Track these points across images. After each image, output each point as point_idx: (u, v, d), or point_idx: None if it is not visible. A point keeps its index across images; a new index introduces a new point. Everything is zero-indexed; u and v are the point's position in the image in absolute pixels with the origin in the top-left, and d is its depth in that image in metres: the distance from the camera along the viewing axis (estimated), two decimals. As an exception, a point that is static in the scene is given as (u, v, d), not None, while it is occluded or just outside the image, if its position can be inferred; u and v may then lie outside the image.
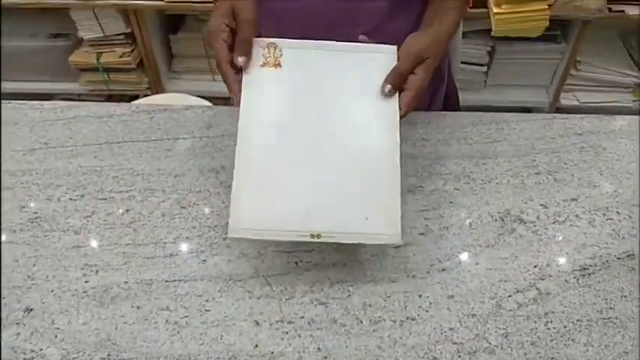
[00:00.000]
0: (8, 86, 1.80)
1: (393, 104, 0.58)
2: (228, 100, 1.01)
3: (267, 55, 0.60)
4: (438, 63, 0.61)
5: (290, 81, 0.59)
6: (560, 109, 1.68)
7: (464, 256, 0.61)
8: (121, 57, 1.65)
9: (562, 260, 0.61)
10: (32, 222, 0.66)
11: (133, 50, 1.67)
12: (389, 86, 0.57)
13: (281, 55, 0.60)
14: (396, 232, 0.54)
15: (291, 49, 0.60)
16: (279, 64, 0.59)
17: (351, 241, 0.55)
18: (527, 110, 1.81)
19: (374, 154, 0.57)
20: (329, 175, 0.56)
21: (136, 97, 1.75)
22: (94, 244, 0.63)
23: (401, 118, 0.57)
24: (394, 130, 0.57)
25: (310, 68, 0.60)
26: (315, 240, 0.54)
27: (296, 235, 0.54)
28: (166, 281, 0.59)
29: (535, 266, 0.60)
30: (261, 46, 0.60)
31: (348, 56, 0.60)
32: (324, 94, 0.59)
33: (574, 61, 1.56)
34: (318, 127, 0.58)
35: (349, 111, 0.58)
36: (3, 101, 0.86)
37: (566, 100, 1.66)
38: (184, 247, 0.62)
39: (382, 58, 0.59)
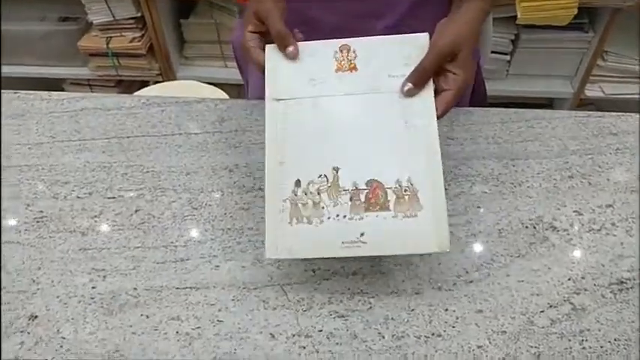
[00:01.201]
0: (17, 70, 1.77)
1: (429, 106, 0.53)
2: (241, 88, 0.98)
3: (341, 59, 0.56)
4: (473, 49, 0.56)
5: (364, 83, 0.55)
6: (584, 101, 1.62)
7: (493, 267, 0.57)
8: (130, 42, 1.61)
9: (598, 273, 0.57)
10: (38, 221, 0.63)
11: (143, 35, 1.63)
12: (409, 85, 0.53)
13: (355, 57, 0.55)
14: (445, 239, 0.50)
15: (364, 48, 0.56)
16: (354, 67, 0.55)
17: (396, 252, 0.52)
18: (550, 101, 1.76)
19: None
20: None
21: (147, 84, 1.72)
22: (101, 246, 0.60)
23: (438, 118, 0.53)
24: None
25: (379, 67, 0.55)
26: (359, 245, 0.50)
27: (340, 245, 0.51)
28: (177, 288, 0.56)
29: (569, 279, 0.56)
30: (333, 49, 0.56)
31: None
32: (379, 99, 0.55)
33: (601, 51, 1.50)
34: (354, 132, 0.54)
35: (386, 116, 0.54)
36: (8, 91, 0.83)
37: (591, 91, 1.59)
38: (196, 251, 0.59)
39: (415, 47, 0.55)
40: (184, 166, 0.69)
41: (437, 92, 0.54)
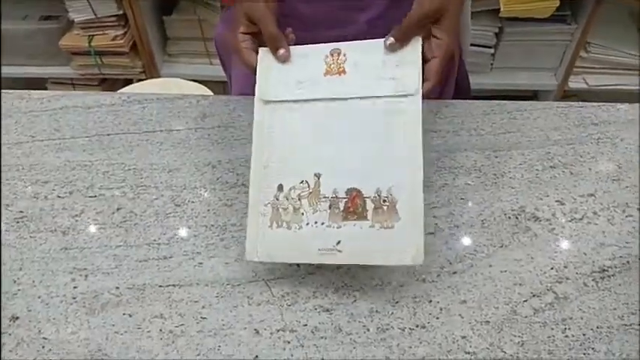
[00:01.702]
0: (-2, 71, 1.74)
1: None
2: (225, 85, 0.97)
3: (331, 62, 0.55)
4: (458, 14, 0.55)
5: (351, 87, 0.55)
6: (568, 92, 1.63)
7: (476, 258, 0.57)
8: (113, 40, 1.60)
9: (580, 262, 0.57)
10: (18, 222, 0.62)
11: (125, 33, 1.61)
12: (391, 39, 0.53)
13: (345, 60, 0.55)
14: (419, 252, 0.50)
15: (355, 52, 0.55)
16: (343, 71, 0.55)
17: (371, 262, 0.52)
18: (534, 94, 1.77)
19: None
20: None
21: (130, 82, 1.70)
22: (83, 245, 0.59)
23: (429, 90, 0.53)
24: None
25: (369, 70, 0.55)
26: (335, 253, 0.50)
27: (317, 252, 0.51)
28: (160, 286, 0.55)
29: (552, 268, 0.57)
30: (324, 53, 0.56)
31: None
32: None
33: (584, 43, 1.51)
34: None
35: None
36: (-13, 90, 0.81)
37: (574, 83, 1.60)
38: (179, 248, 0.59)
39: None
40: (166, 164, 0.68)
41: (424, 61, 0.53)
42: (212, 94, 1.13)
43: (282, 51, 0.55)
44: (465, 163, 0.68)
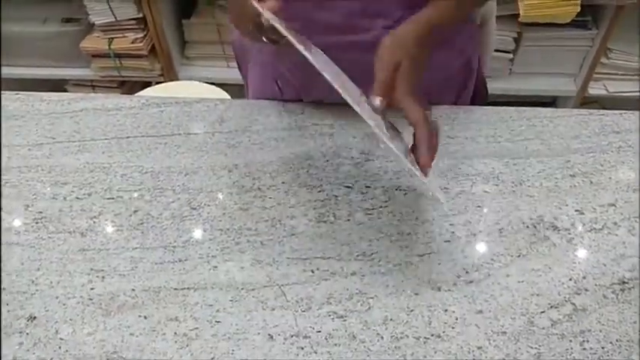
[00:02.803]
0: (20, 72, 1.78)
1: None
2: (242, 88, 0.98)
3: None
4: (416, 61, 0.52)
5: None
6: (587, 99, 1.61)
7: (493, 267, 0.57)
8: (132, 43, 1.62)
9: (599, 273, 0.56)
10: (37, 222, 0.63)
11: (145, 36, 1.63)
12: (378, 98, 0.50)
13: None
14: None
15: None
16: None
17: None
18: (553, 99, 1.74)
19: None
20: None
21: (149, 84, 1.72)
22: (100, 247, 0.60)
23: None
24: None
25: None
26: None
27: None
28: (175, 289, 0.56)
29: (570, 279, 0.56)
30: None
31: None
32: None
33: (605, 49, 1.48)
34: None
35: None
36: (9, 92, 0.83)
37: (594, 89, 1.58)
38: (194, 251, 0.59)
39: None
40: (183, 167, 0.69)
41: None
42: (229, 97, 1.14)
43: (271, 2, 0.52)
44: (482, 170, 0.67)
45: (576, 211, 0.62)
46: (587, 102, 1.63)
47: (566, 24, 1.33)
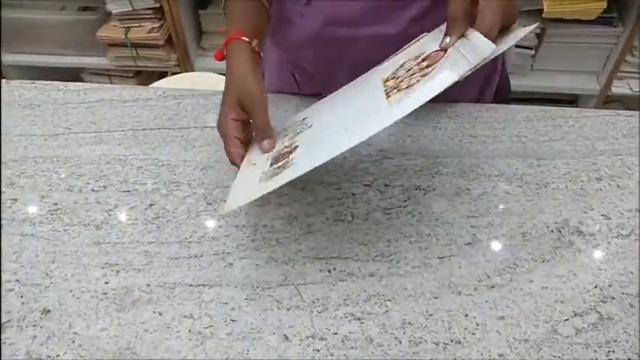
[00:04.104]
0: (36, 60, 1.78)
1: None
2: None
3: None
4: None
5: None
6: (610, 97, 1.57)
7: (516, 272, 0.55)
8: (149, 32, 1.61)
9: (626, 280, 0.54)
10: (52, 214, 0.62)
11: (161, 26, 1.62)
12: (446, 40, 0.51)
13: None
14: None
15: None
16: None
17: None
18: (574, 97, 1.71)
19: None
20: None
21: (165, 74, 1.72)
22: (115, 240, 0.59)
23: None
24: None
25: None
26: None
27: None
28: (190, 285, 0.55)
29: (595, 286, 0.54)
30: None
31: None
32: None
33: (630, 47, 1.44)
34: None
35: None
36: (26, 81, 0.82)
37: (617, 87, 1.54)
38: (210, 247, 0.58)
39: None
40: (200, 161, 0.68)
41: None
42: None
43: (266, 142, 0.56)
44: (505, 170, 0.65)
45: (602, 215, 0.60)
46: (610, 101, 1.60)
47: (591, 20, 1.30)
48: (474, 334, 0.50)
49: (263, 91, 0.56)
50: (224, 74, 1.25)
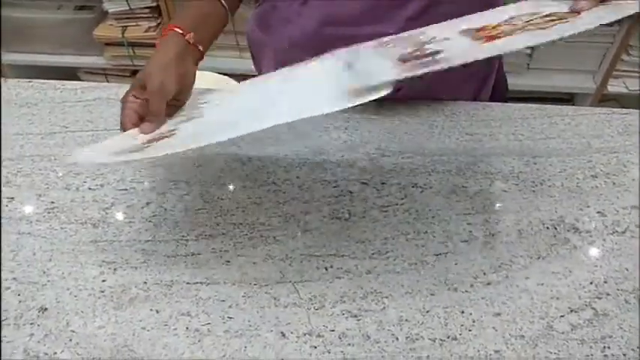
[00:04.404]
0: (33, 59, 1.78)
1: None
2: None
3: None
4: None
5: None
6: (606, 96, 1.57)
7: (512, 269, 0.55)
8: (146, 31, 1.61)
9: (621, 277, 0.55)
10: (49, 212, 0.62)
11: (158, 25, 1.62)
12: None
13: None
14: None
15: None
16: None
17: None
18: (571, 96, 1.71)
19: None
20: None
21: (162, 73, 1.71)
22: (112, 239, 0.59)
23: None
24: None
25: None
26: None
27: None
28: (187, 283, 0.55)
29: (591, 283, 0.54)
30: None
31: None
32: None
33: (626, 46, 1.45)
34: None
35: None
36: (23, 80, 0.82)
37: (613, 86, 1.55)
38: (207, 245, 0.58)
39: None
40: (196, 159, 0.68)
41: None
42: (242, 88, 1.13)
43: (146, 125, 0.56)
44: (502, 168, 0.65)
45: (598, 212, 0.61)
46: (606, 99, 1.60)
47: (588, 19, 1.30)
48: (470, 330, 0.50)
49: (173, 79, 0.57)
50: (221, 73, 1.25)
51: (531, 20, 0.49)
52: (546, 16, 0.49)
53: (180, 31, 0.60)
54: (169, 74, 0.57)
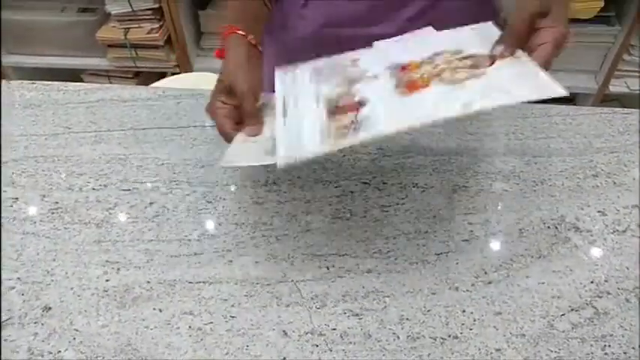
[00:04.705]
0: (36, 61, 1.79)
1: None
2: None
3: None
4: (567, 8, 0.50)
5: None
6: (608, 96, 1.57)
7: (513, 268, 0.55)
8: (148, 33, 1.61)
9: (622, 276, 0.55)
10: (53, 212, 0.63)
11: (161, 26, 1.63)
12: (500, 47, 0.49)
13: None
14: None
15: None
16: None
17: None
18: (573, 96, 1.71)
19: None
20: None
21: (164, 75, 1.72)
22: (115, 239, 0.60)
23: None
24: None
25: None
26: None
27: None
28: (190, 282, 0.55)
29: (592, 282, 0.54)
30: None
31: None
32: None
33: (627, 45, 1.45)
34: None
35: None
36: (27, 81, 0.83)
37: (615, 86, 1.55)
38: (209, 245, 0.59)
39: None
40: (199, 159, 0.69)
41: (530, 51, 0.49)
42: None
43: (249, 129, 0.54)
44: (502, 168, 0.66)
45: (599, 212, 0.61)
46: (608, 99, 1.60)
47: (589, 19, 1.31)
48: (471, 329, 0.51)
49: (255, 80, 0.56)
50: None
51: (451, 61, 0.50)
52: (465, 58, 0.50)
53: (243, 33, 0.58)
54: (251, 74, 0.56)
